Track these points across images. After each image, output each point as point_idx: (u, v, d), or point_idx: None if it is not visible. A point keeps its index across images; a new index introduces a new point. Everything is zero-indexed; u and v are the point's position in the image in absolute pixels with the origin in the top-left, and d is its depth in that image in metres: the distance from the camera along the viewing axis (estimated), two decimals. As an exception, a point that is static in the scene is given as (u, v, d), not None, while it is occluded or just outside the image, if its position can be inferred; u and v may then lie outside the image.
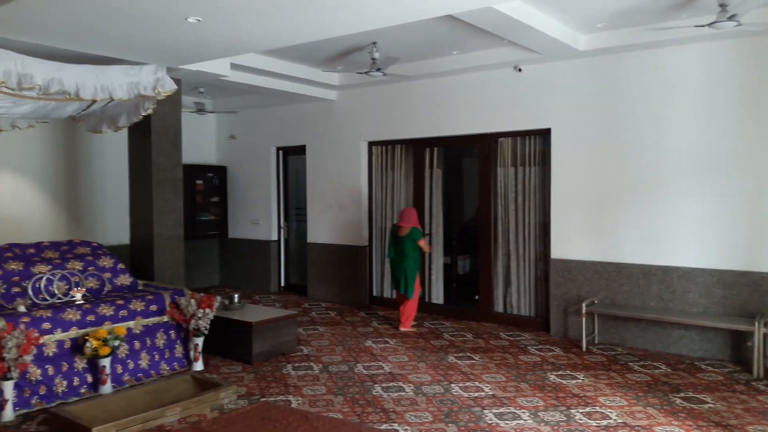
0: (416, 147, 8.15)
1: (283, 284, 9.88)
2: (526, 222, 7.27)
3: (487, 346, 6.42)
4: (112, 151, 8.57)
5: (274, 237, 9.80)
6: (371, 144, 8.62)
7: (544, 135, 7.03)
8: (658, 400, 4.82)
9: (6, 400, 4.46)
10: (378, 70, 6.48)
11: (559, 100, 6.77)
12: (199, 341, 5.64)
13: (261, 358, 5.88)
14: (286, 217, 9.90)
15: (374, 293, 8.66)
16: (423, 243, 7.14)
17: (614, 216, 6.45)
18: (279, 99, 8.96)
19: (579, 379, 5.35)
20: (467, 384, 5.23)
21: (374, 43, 6.38)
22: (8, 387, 4.45)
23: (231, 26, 4.60)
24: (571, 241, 6.72)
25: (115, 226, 8.52)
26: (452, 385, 5.21)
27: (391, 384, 5.24)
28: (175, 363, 5.63)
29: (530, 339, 6.71)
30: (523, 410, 4.62)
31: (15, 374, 4.43)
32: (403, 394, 5.00)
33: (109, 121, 6.40)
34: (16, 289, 5.14)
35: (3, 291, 5.08)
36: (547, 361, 5.88)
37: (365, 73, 6.57)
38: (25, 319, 4.72)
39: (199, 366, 5.64)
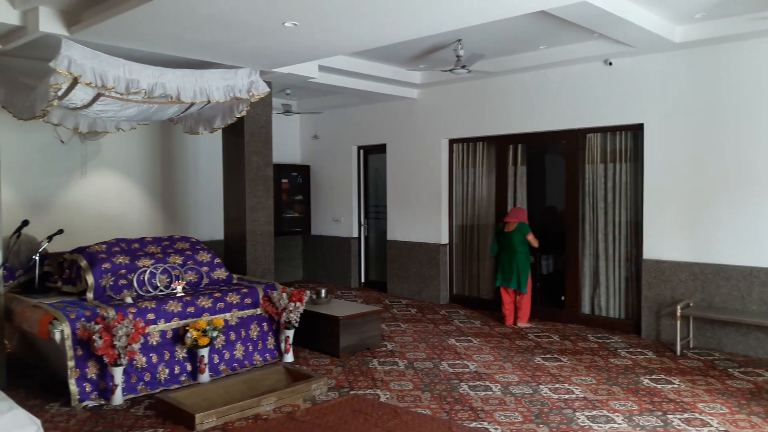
0: (499, 144, 8.06)
1: (363, 280, 10.04)
2: (616, 221, 7.05)
3: (575, 348, 6.28)
4: (205, 152, 9.01)
5: (355, 234, 9.96)
6: (452, 141, 8.60)
7: (636, 130, 6.79)
8: (763, 408, 4.57)
9: (116, 385, 4.78)
10: (463, 67, 6.47)
11: (652, 94, 6.52)
12: (290, 334, 5.83)
13: (347, 351, 6.01)
14: (366, 215, 10.05)
15: (454, 291, 8.64)
16: (531, 237, 7.22)
17: (711, 215, 6.14)
18: (361, 99, 9.11)
19: (674, 384, 5.14)
20: (556, 386, 5.14)
21: (459, 40, 6.37)
22: (118, 373, 4.77)
23: (325, 30, 4.72)
24: (665, 240, 6.46)
25: (206, 223, 8.96)
26: (541, 386, 5.14)
27: (477, 383, 5.22)
28: (267, 354, 5.85)
29: (620, 342, 6.50)
30: (617, 414, 4.49)
31: (124, 361, 4.75)
32: (490, 393, 4.97)
33: (205, 123, 6.71)
34: (123, 282, 5.49)
35: (111, 283, 5.44)
36: (639, 365, 5.68)
37: (449, 70, 6.57)
38: (132, 310, 5.05)
39: (289, 358, 5.83)
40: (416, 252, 8.86)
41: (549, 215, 8.69)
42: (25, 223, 5.54)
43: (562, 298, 7.50)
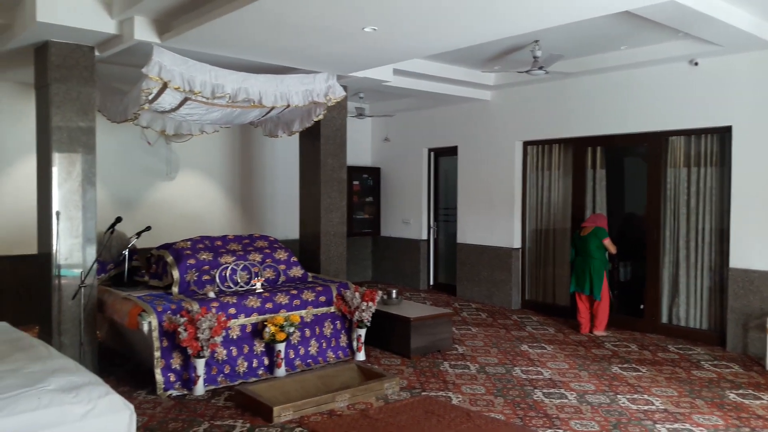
0: (576, 146, 7.88)
1: (431, 283, 10.04)
2: (699, 227, 6.74)
3: (655, 359, 6.06)
4: (281, 154, 9.29)
5: (424, 236, 9.98)
6: (526, 144, 8.48)
7: (723, 133, 6.48)
8: None
9: (198, 376, 5.00)
10: (540, 68, 6.37)
11: (741, 95, 6.20)
12: (362, 332, 5.92)
13: (418, 353, 6.04)
14: (436, 217, 10.05)
15: (527, 296, 8.51)
16: (608, 242, 6.97)
17: (808, 223, 5.78)
18: (433, 101, 9.13)
19: (764, 399, 4.88)
20: (635, 396, 4.98)
21: (536, 41, 6.28)
22: (200, 364, 5.00)
23: (404, 34, 4.77)
24: (754, 249, 6.12)
25: (282, 222, 9.23)
26: (618, 396, 4.99)
27: (552, 390, 5.13)
28: (339, 351, 5.96)
29: (703, 353, 6.22)
30: (701, 428, 4.31)
31: (207, 353, 4.96)
32: (565, 401, 4.88)
33: (284, 126, 6.92)
34: (206, 277, 5.73)
35: (195, 278, 5.69)
36: (724, 378, 5.42)
37: (526, 71, 6.49)
38: (215, 304, 5.27)
39: (361, 356, 5.92)
40: (487, 255, 8.78)
41: (628, 221, 8.42)
42: (119, 219, 5.88)
43: (641, 306, 7.24)
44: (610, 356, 6.14)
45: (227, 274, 5.81)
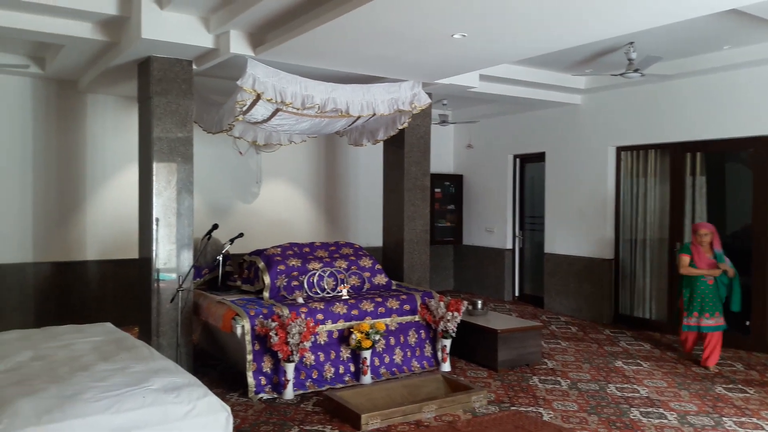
0: (673, 152, 7.47)
1: (517, 294, 9.80)
2: (816, 239, 6.20)
3: (763, 380, 5.61)
4: (364, 162, 9.39)
5: (509, 245, 9.76)
6: (620, 149, 8.12)
7: (844, 136, 5.94)
8: None
9: (288, 380, 5.10)
10: (636, 70, 6.09)
11: None
12: (447, 343, 5.85)
13: (506, 366, 5.89)
14: (522, 226, 9.81)
15: (620, 311, 8.12)
16: (726, 266, 5.98)
17: None
18: (518, 106, 8.95)
19: None
20: (742, 419, 4.62)
21: (631, 42, 6.01)
22: (290, 368, 5.09)
23: (493, 40, 4.69)
24: None
25: (364, 229, 9.32)
26: (724, 418, 4.65)
27: (650, 409, 4.85)
28: (424, 361, 5.91)
29: (821, 377, 5.70)
30: (824, 460, 3.93)
31: (296, 357, 5.06)
32: (665, 421, 4.60)
33: (368, 135, 6.99)
34: (295, 283, 5.85)
35: (285, 283, 5.82)
36: None
37: (620, 74, 6.22)
38: (304, 310, 5.36)
39: (446, 367, 5.84)
40: (577, 266, 8.47)
41: (732, 230, 7.87)
42: (215, 226, 6.12)
43: (747, 323, 6.73)
44: (713, 375, 5.75)
45: (315, 281, 5.91)
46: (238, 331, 5.10)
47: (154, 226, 5.52)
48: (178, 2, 4.81)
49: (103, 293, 7.51)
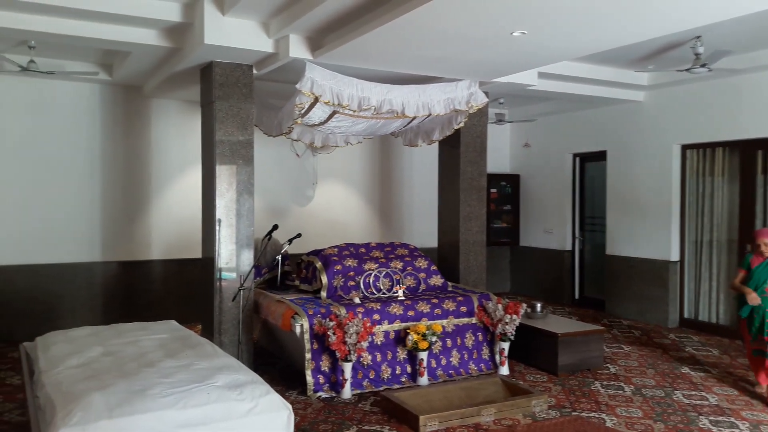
0: (744, 149, 7.13)
1: (576, 297, 9.56)
2: None
3: None
4: (418, 163, 9.37)
5: (568, 247, 9.54)
6: (685, 147, 7.82)
7: None
8: None
9: (345, 380, 5.13)
10: (703, 65, 5.84)
11: None
12: (506, 346, 5.76)
13: (566, 370, 5.75)
14: (582, 227, 9.56)
15: (686, 315, 7.81)
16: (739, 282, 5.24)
17: None
18: (578, 104, 8.74)
19: None
20: (825, 433, 4.36)
21: (698, 36, 5.77)
22: (348, 368, 5.13)
23: (553, 37, 4.60)
24: None
25: (419, 231, 9.30)
26: (804, 431, 4.40)
27: (720, 418, 4.64)
28: (482, 364, 5.85)
29: None
30: None
31: (353, 357, 5.09)
32: (736, 431, 4.38)
33: (423, 136, 6.97)
34: (352, 283, 5.89)
35: (341, 283, 5.87)
36: None
37: (686, 70, 5.99)
38: (360, 310, 5.39)
39: (504, 370, 5.76)
40: (640, 269, 8.19)
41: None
42: (275, 227, 6.23)
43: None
44: (791, 385, 5.44)
45: (370, 281, 5.93)
46: (297, 329, 5.17)
47: (217, 227, 5.67)
48: (239, 8, 4.91)
49: (166, 292, 7.78)
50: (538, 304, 6.42)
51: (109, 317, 7.25)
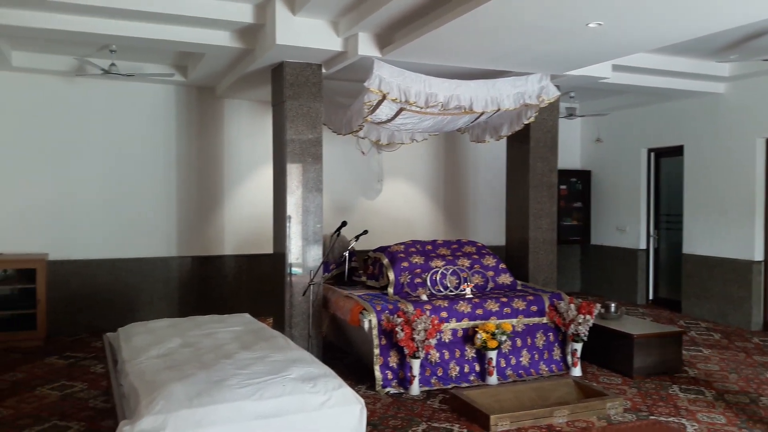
0: (838, 143, 6.66)
1: (650, 297, 9.19)
2: None
3: None
4: (484, 159, 9.26)
5: (642, 246, 9.18)
6: (771, 141, 7.39)
7: None
8: None
9: (414, 376, 5.13)
10: (793, 54, 5.49)
11: None
12: (578, 347, 5.61)
13: (642, 373, 5.55)
14: (656, 225, 9.19)
15: (771, 317, 7.40)
16: None
17: None
18: (653, 97, 8.40)
19: None
20: None
21: (788, 23, 5.42)
22: (416, 365, 5.12)
23: (631, 27, 4.43)
24: None
25: (485, 228, 9.20)
26: None
27: (814, 428, 4.36)
28: (553, 365, 5.71)
29: None
30: None
31: (421, 354, 5.08)
32: (834, 444, 4.10)
33: (491, 131, 6.87)
34: (418, 280, 5.88)
35: (408, 280, 5.87)
36: None
37: (774, 59, 5.65)
38: (428, 307, 5.37)
39: (577, 372, 5.61)
40: (721, 269, 7.79)
41: None
42: (344, 223, 6.31)
43: None
44: None
45: (437, 278, 5.91)
46: (366, 325, 5.21)
47: (287, 224, 5.78)
48: (310, 8, 4.99)
49: (238, 285, 8.01)
50: (613, 304, 6.22)
51: (185, 309, 7.55)
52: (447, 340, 5.42)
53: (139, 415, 3.14)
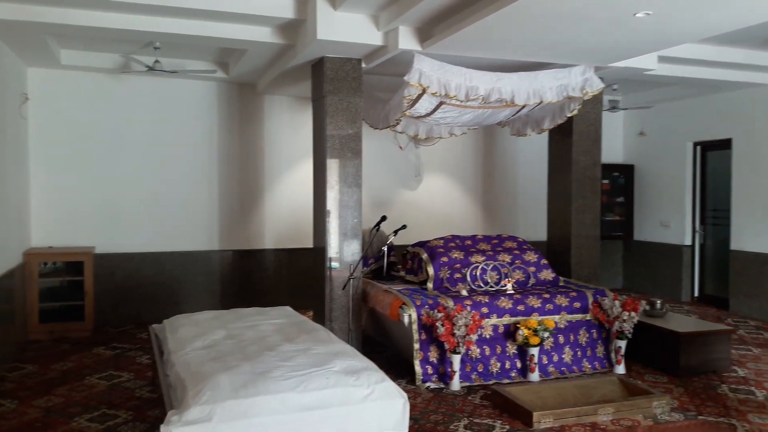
0: None
1: (696, 294, 8.95)
2: None
3: None
4: (524, 153, 9.14)
5: (687, 241, 8.94)
6: (827, 134, 7.09)
7: None
8: None
9: (454, 372, 5.11)
10: None
11: None
12: (622, 344, 5.50)
13: (689, 372, 5.40)
14: (702, 220, 8.93)
15: (826, 316, 7.11)
16: None
17: None
18: (700, 89, 8.14)
19: None
20: None
21: None
22: (456, 360, 5.09)
23: (680, 17, 4.29)
24: None
25: (525, 223, 9.10)
26: None
27: None
28: (596, 362, 5.61)
29: None
30: None
31: (462, 349, 5.05)
32: None
33: (533, 124, 6.77)
34: (458, 275, 5.84)
35: (447, 275, 5.84)
36: None
37: (832, 47, 5.40)
38: (468, 302, 5.33)
39: (620, 369, 5.50)
40: (771, 265, 7.54)
41: None
42: (384, 218, 6.29)
43: None
44: None
45: (477, 274, 5.86)
46: (405, 319, 5.20)
47: (327, 218, 5.81)
48: (350, 2, 4.99)
49: (278, 279, 8.10)
50: (658, 301, 6.07)
51: (227, 302, 7.67)
52: (488, 336, 5.37)
53: (186, 405, 3.20)
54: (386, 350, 6.27)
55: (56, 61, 6.66)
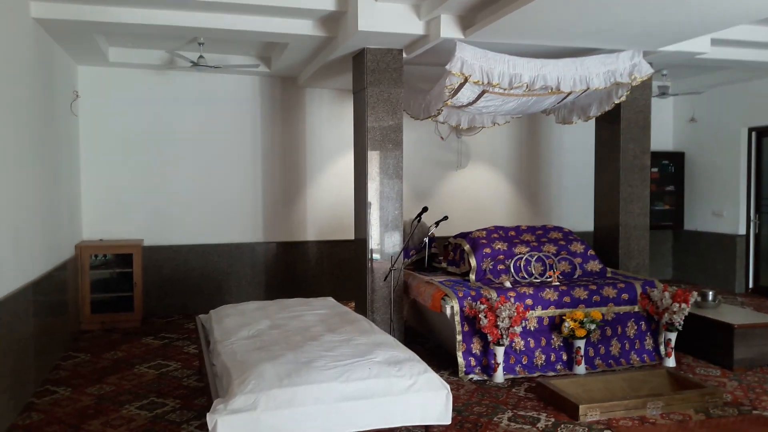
0: None
1: (750, 285, 8.62)
2: None
3: None
4: (568, 142, 8.95)
5: (742, 231, 8.60)
6: None
7: None
8: None
9: (498, 364, 5.05)
10: None
11: None
12: (672, 336, 5.34)
13: (743, 365, 5.21)
14: (758, 209, 8.57)
15: None
16: None
17: None
18: (755, 72, 7.81)
19: None
20: None
21: None
22: (500, 352, 5.04)
23: (737, -7, 4.11)
24: None
25: (570, 213, 8.91)
26: None
27: None
28: (644, 355, 5.47)
29: None
30: None
31: (506, 341, 4.99)
32: None
33: (579, 112, 6.61)
34: (501, 267, 5.76)
35: (490, 267, 5.77)
36: None
37: None
38: (512, 294, 5.26)
39: (671, 362, 5.34)
40: (833, 256, 7.18)
41: None
42: (425, 209, 6.28)
43: None
44: None
45: (521, 265, 5.77)
46: (448, 311, 5.17)
47: (368, 210, 5.82)
48: (391, -8, 4.96)
49: (320, 270, 8.17)
50: (710, 293, 5.87)
51: (271, 293, 7.78)
52: (532, 328, 5.29)
53: (232, 394, 3.26)
54: (428, 342, 6.25)
55: (104, 58, 6.84)
